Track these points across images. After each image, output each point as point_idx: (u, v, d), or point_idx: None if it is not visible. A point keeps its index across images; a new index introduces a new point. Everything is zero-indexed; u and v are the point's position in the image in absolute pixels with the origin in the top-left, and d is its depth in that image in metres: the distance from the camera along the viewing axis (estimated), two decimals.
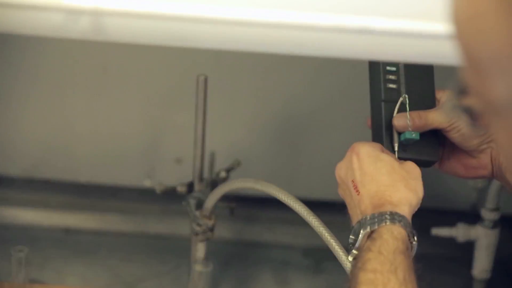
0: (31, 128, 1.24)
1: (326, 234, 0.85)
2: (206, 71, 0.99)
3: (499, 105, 0.41)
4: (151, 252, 1.21)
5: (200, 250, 0.97)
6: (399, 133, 0.82)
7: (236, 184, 0.94)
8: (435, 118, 0.81)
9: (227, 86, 1.20)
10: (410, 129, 0.81)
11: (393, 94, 0.84)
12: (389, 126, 0.83)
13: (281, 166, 1.15)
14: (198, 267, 0.96)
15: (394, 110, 0.82)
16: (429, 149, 0.83)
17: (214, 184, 1.03)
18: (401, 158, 0.81)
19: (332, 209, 1.19)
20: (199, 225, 0.95)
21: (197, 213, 0.96)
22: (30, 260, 1.06)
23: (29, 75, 1.21)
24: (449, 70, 0.48)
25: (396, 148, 0.82)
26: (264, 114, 1.22)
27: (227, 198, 1.02)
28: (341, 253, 0.84)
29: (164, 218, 1.28)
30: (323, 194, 1.18)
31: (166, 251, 1.22)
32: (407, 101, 0.82)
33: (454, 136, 0.82)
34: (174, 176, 1.18)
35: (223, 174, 1.03)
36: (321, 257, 1.22)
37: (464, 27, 0.41)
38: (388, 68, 0.84)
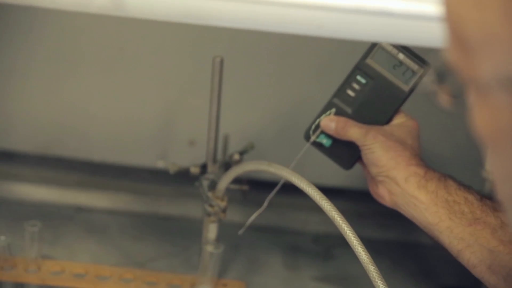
0: (45, 105, 1.24)
1: (339, 218, 0.86)
2: (222, 53, 0.99)
3: (484, 84, 0.41)
4: (162, 233, 1.22)
5: (211, 231, 0.97)
6: (321, 132, 0.91)
7: (250, 166, 0.94)
8: (354, 133, 0.87)
9: (243, 69, 1.20)
10: (332, 132, 0.89)
11: (345, 100, 0.91)
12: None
13: (295, 150, 1.14)
14: (209, 248, 0.96)
15: (332, 111, 0.90)
16: (343, 157, 0.91)
17: (227, 166, 1.03)
18: (318, 150, 0.92)
19: (344, 196, 1.19)
20: (211, 206, 0.95)
21: (210, 194, 0.96)
22: (42, 236, 1.07)
23: (45, 52, 1.22)
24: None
25: (311, 139, 0.91)
26: (279, 97, 1.22)
27: (239, 181, 1.03)
28: (353, 239, 0.84)
29: (176, 200, 1.28)
30: (335, 180, 1.18)
31: (177, 232, 1.22)
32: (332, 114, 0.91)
33: (364, 157, 0.88)
34: (187, 158, 1.18)
35: (236, 156, 1.04)
36: (332, 244, 1.22)
37: (457, 2, 0.41)
38: (358, 77, 0.89)
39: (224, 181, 0.95)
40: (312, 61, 1.18)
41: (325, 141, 0.91)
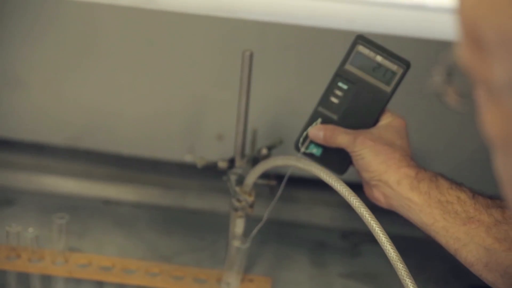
0: (76, 98, 1.25)
1: (367, 215, 0.85)
2: (251, 47, 0.98)
3: (496, 87, 0.41)
4: (189, 227, 1.22)
5: (238, 226, 0.96)
6: (310, 142, 0.92)
7: (278, 161, 0.93)
8: (343, 140, 0.88)
9: (272, 63, 1.19)
10: (321, 141, 0.90)
11: (330, 107, 0.92)
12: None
13: None
14: (236, 243, 0.96)
15: (318, 120, 0.91)
16: (336, 163, 0.92)
17: (255, 161, 1.02)
18: (310, 158, 0.92)
19: None
20: (239, 200, 0.95)
21: (237, 188, 0.96)
22: (69, 229, 1.07)
23: (76, 46, 1.22)
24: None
25: (301, 151, 0.92)
26: (308, 92, 1.21)
27: (267, 176, 1.02)
28: (381, 235, 0.83)
29: (204, 194, 1.28)
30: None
31: (204, 227, 1.22)
32: (319, 123, 0.92)
33: (355, 163, 0.88)
34: (215, 152, 1.18)
35: (264, 151, 1.03)
36: (359, 240, 1.21)
37: (473, 2, 0.41)
38: (339, 84, 0.91)
39: (252, 176, 0.94)
40: (342, 55, 1.18)
41: (316, 151, 0.92)
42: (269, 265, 1.13)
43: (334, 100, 0.91)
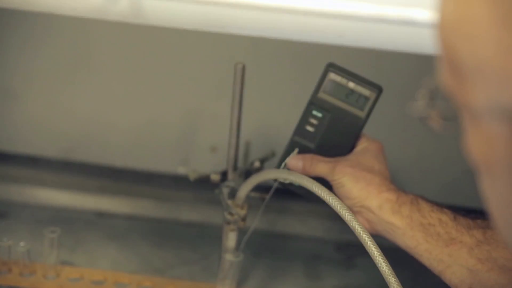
0: (69, 110, 1.25)
1: (359, 228, 0.84)
2: (243, 60, 0.98)
3: (476, 112, 0.41)
4: (183, 240, 1.21)
5: (231, 239, 0.96)
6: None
7: (270, 175, 0.93)
8: (322, 169, 0.88)
9: (265, 75, 1.19)
10: (300, 171, 0.89)
11: (306, 136, 0.92)
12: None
13: None
14: (228, 257, 0.95)
15: (295, 150, 0.91)
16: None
17: (248, 173, 1.02)
18: (290, 189, 0.92)
19: None
20: (231, 214, 0.94)
21: (230, 202, 0.95)
22: (62, 242, 1.06)
23: (67, 58, 1.22)
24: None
25: (277, 182, 0.91)
26: (301, 105, 1.21)
27: (260, 188, 1.02)
28: (373, 249, 0.83)
29: (197, 206, 1.28)
30: None
31: (197, 239, 1.22)
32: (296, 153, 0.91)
33: (335, 191, 0.88)
34: (209, 164, 1.18)
35: (257, 164, 1.03)
36: (354, 253, 1.20)
37: (451, 28, 0.41)
38: (314, 112, 0.91)
39: (244, 189, 0.94)
40: None
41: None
42: (263, 278, 1.13)
43: (309, 128, 0.91)
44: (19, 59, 1.22)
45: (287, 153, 0.92)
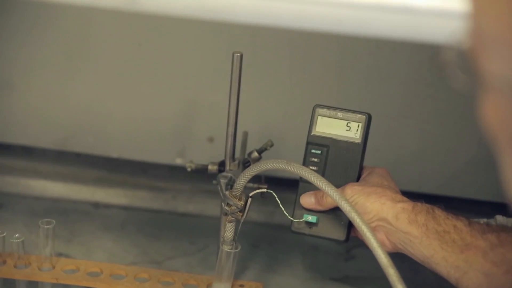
0: (63, 101, 1.24)
1: (358, 219, 0.83)
2: (241, 49, 0.97)
3: (491, 81, 0.42)
4: (180, 231, 1.20)
5: (229, 230, 0.95)
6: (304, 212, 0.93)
7: (268, 165, 0.92)
8: (333, 201, 0.87)
9: (263, 66, 1.18)
10: (313, 206, 0.91)
11: None
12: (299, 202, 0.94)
13: None
14: (226, 247, 0.94)
15: (307, 189, 0.92)
16: (335, 228, 0.92)
17: (246, 164, 1.01)
18: (307, 235, 0.93)
19: None
20: (228, 205, 0.93)
21: (227, 192, 0.94)
22: (58, 233, 1.05)
23: (63, 48, 1.21)
24: None
25: (295, 220, 0.93)
26: (300, 95, 1.20)
27: (258, 179, 1.01)
28: (372, 240, 0.82)
29: (194, 197, 1.27)
30: None
31: (195, 230, 1.21)
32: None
33: None
34: (206, 155, 1.16)
35: (255, 154, 1.02)
36: (353, 244, 1.19)
37: None
38: (313, 151, 0.94)
39: (242, 180, 0.92)
40: (333, 58, 1.16)
41: (311, 218, 0.92)
42: (261, 270, 1.12)
43: (313, 168, 0.93)
44: (14, 50, 1.21)
45: (299, 196, 0.94)
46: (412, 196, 0.89)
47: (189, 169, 1.02)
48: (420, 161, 1.22)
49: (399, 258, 0.84)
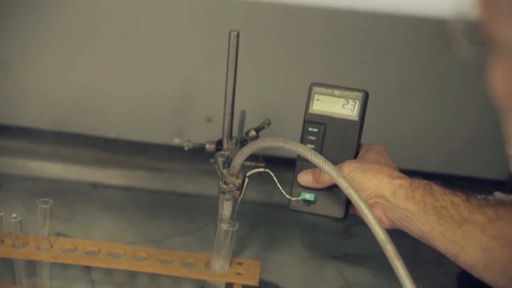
0: (61, 81, 1.23)
1: (355, 196, 0.83)
2: (239, 27, 0.97)
3: (502, 45, 0.42)
4: (179, 210, 1.20)
5: (226, 208, 0.95)
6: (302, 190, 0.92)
7: (265, 143, 0.91)
8: (330, 178, 0.86)
9: (260, 44, 1.17)
10: (311, 184, 0.91)
11: None
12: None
13: None
14: (224, 226, 0.94)
15: (304, 167, 0.92)
16: (333, 205, 0.91)
17: (243, 142, 1.01)
18: (305, 213, 0.93)
19: None
20: (226, 183, 0.93)
21: (225, 171, 0.94)
22: (56, 214, 1.05)
23: (60, 28, 1.20)
24: None
25: (292, 199, 0.92)
26: (297, 73, 1.19)
27: (256, 158, 1.01)
28: (369, 216, 0.81)
29: (193, 177, 1.27)
30: None
31: (194, 210, 1.21)
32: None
33: None
34: (204, 135, 1.16)
35: (253, 133, 1.01)
36: (352, 222, 1.19)
37: None
38: (310, 129, 0.93)
39: (239, 158, 0.92)
40: (330, 36, 1.16)
41: (308, 196, 0.92)
42: (260, 248, 1.12)
43: (310, 145, 0.93)
44: (12, 30, 1.20)
45: (296, 175, 0.93)
46: (411, 175, 0.89)
47: (186, 148, 1.02)
48: (419, 139, 1.22)
49: (398, 236, 0.84)
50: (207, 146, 1.01)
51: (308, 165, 0.91)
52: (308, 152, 0.87)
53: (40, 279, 0.97)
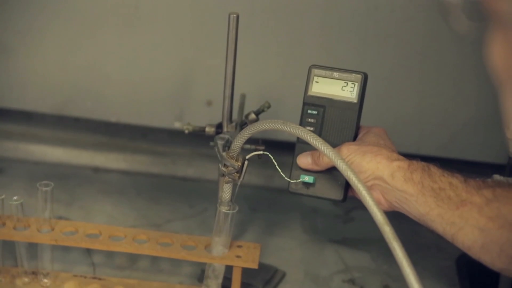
0: (61, 65, 1.23)
1: (354, 178, 0.83)
2: (238, 10, 0.97)
3: (502, 19, 0.42)
4: (179, 194, 1.21)
5: (226, 191, 0.95)
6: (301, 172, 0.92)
7: (265, 125, 0.91)
8: (329, 160, 0.87)
9: (260, 27, 1.17)
10: (310, 166, 0.91)
11: None
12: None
13: None
14: (223, 208, 0.94)
15: (303, 150, 0.92)
16: (332, 187, 0.91)
17: (243, 125, 1.01)
18: (305, 195, 0.93)
19: None
20: (225, 166, 0.93)
21: (224, 154, 0.94)
22: (58, 197, 1.06)
23: (60, 12, 1.20)
24: None
25: (292, 181, 0.92)
26: (297, 56, 1.19)
27: (255, 142, 1.01)
28: (368, 198, 0.82)
29: (193, 161, 1.27)
30: None
31: (194, 194, 1.21)
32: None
33: None
34: (205, 118, 1.16)
35: (252, 116, 1.01)
36: (351, 206, 1.20)
37: None
38: (309, 111, 0.93)
39: (238, 141, 0.92)
40: (330, 19, 1.16)
41: (308, 178, 0.92)
42: (260, 232, 1.12)
43: (309, 128, 0.92)
44: (13, 14, 1.20)
45: (296, 157, 0.93)
46: (410, 158, 0.89)
47: (186, 131, 1.02)
48: (418, 123, 1.22)
49: (398, 220, 0.84)
50: (207, 129, 1.01)
51: (308, 147, 0.91)
52: (307, 135, 0.87)
53: (41, 262, 0.97)
